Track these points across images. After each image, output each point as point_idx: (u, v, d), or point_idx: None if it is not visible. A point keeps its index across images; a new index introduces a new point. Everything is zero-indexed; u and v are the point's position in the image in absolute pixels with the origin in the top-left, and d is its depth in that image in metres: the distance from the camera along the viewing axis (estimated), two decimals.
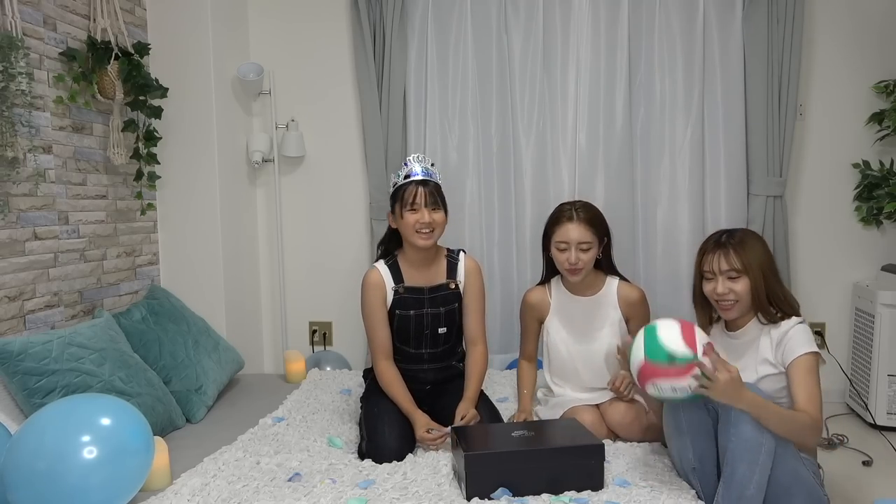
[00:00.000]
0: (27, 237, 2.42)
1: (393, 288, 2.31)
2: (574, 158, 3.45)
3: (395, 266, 2.34)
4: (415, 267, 2.34)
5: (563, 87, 3.44)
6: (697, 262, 2.06)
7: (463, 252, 2.43)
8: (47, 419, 1.68)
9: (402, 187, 2.27)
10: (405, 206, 2.24)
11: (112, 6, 2.79)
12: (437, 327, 2.33)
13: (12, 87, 2.17)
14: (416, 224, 2.23)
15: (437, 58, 3.45)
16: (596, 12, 3.38)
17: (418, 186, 2.25)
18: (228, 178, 3.29)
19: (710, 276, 2.01)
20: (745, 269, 1.95)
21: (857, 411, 3.28)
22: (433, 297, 2.32)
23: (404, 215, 2.25)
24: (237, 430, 2.36)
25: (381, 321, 2.31)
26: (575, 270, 2.30)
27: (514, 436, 1.94)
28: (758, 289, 1.96)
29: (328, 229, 3.68)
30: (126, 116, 2.87)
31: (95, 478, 1.63)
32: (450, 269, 2.36)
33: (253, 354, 3.54)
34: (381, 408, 2.25)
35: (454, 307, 2.35)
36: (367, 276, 2.34)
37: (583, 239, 2.28)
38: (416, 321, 2.31)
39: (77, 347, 2.16)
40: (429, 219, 2.24)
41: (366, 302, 2.33)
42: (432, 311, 2.32)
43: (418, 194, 2.24)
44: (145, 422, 1.78)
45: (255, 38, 3.60)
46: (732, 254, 1.97)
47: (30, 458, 1.61)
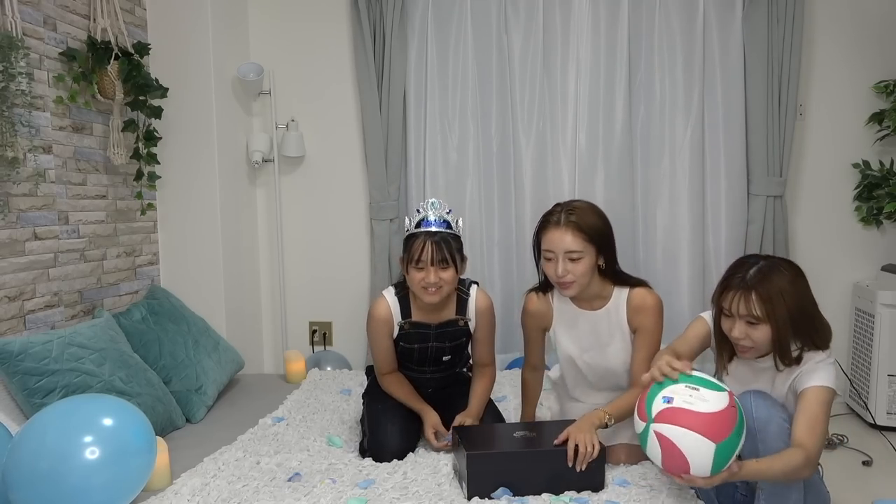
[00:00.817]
0: (27, 237, 2.42)
1: (399, 323, 2.20)
2: (574, 158, 3.45)
3: (405, 299, 2.21)
4: (423, 307, 2.20)
5: (563, 87, 3.44)
6: (717, 294, 1.82)
7: (475, 285, 2.27)
8: (49, 419, 1.68)
9: (411, 238, 2.10)
10: (411, 262, 2.07)
11: (112, 6, 2.79)
12: (442, 356, 2.26)
13: (12, 87, 2.17)
14: (422, 282, 2.07)
15: (437, 58, 3.45)
16: (596, 12, 3.38)
17: (427, 240, 2.05)
18: (228, 178, 3.29)
19: (727, 314, 1.79)
20: (768, 317, 1.72)
21: (857, 411, 3.28)
22: (440, 333, 2.22)
23: (409, 271, 2.09)
24: (237, 430, 2.36)
25: (386, 349, 2.24)
26: (564, 284, 2.00)
27: (515, 436, 1.94)
28: (781, 339, 1.75)
29: (328, 229, 3.68)
30: (126, 116, 2.87)
31: (98, 478, 1.62)
32: (459, 305, 2.23)
33: (253, 354, 3.54)
34: (384, 404, 2.23)
35: (462, 341, 2.27)
36: (374, 307, 2.22)
37: (570, 248, 1.96)
38: (419, 353, 2.24)
39: (77, 347, 2.16)
40: (434, 279, 2.05)
41: (371, 331, 2.24)
42: (438, 344, 2.24)
43: (425, 250, 2.05)
44: (147, 422, 1.78)
45: (255, 38, 3.60)
46: (755, 299, 1.72)
47: (32, 458, 1.61)
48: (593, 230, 1.99)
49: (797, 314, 1.73)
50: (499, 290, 3.53)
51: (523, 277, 3.52)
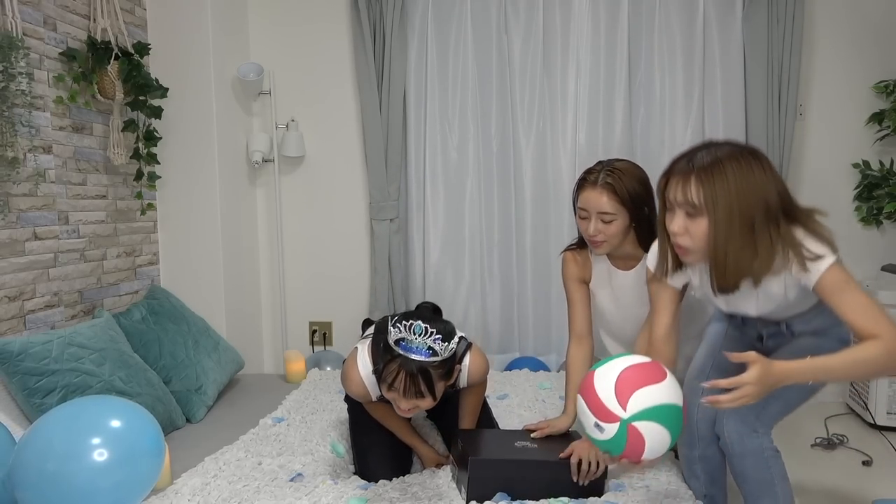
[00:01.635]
0: (27, 237, 2.42)
1: (378, 396, 1.91)
2: (574, 158, 3.45)
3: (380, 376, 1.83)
4: None
5: (562, 87, 3.44)
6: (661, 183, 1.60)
7: (468, 351, 1.91)
8: (56, 421, 1.67)
9: (389, 355, 1.74)
10: (383, 382, 1.75)
11: (112, 6, 2.79)
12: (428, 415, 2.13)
13: (12, 87, 2.17)
14: (394, 401, 1.79)
15: (437, 58, 3.45)
16: (596, 12, 3.38)
17: (402, 370, 1.70)
18: (228, 178, 3.29)
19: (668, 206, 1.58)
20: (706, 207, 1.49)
21: (857, 411, 3.28)
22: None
23: (382, 389, 1.79)
24: (237, 430, 2.35)
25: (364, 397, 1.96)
26: (596, 243, 1.97)
27: (517, 446, 1.92)
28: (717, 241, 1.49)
29: (328, 229, 3.68)
30: (126, 116, 2.87)
31: (106, 480, 1.61)
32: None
33: (253, 354, 3.54)
34: (370, 438, 2.07)
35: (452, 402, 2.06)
36: (347, 377, 1.91)
37: (603, 209, 1.91)
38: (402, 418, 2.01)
39: (77, 347, 2.16)
40: (408, 406, 1.77)
41: (347, 390, 1.96)
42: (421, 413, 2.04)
43: (398, 379, 1.71)
44: (156, 424, 1.77)
45: (255, 38, 3.60)
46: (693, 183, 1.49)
47: (39, 460, 1.61)
48: (629, 194, 1.92)
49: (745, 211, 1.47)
50: (498, 291, 3.53)
51: (523, 278, 3.52)
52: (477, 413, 2.09)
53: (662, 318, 1.79)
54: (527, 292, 3.53)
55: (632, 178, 1.94)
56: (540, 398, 2.68)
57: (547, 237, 3.50)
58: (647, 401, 1.45)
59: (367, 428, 2.08)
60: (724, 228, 1.49)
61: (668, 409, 1.46)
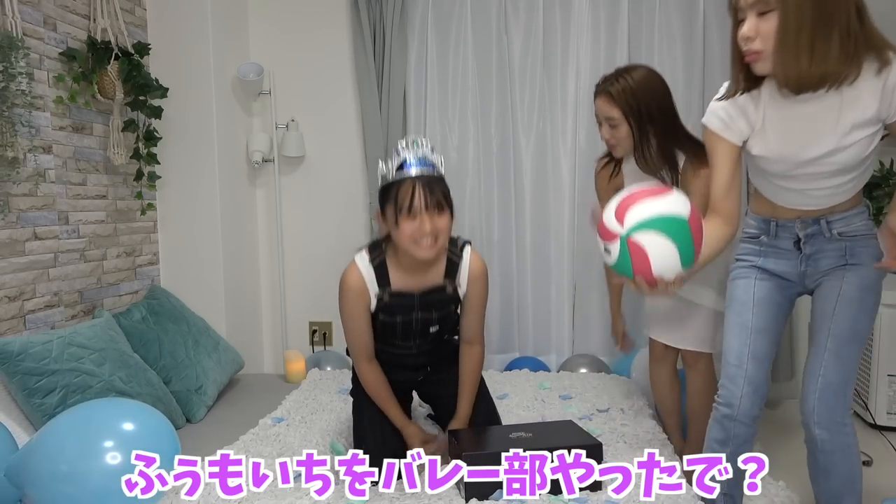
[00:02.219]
0: (27, 237, 2.42)
1: (377, 294, 1.93)
2: (574, 158, 3.45)
3: (381, 267, 1.93)
4: (407, 271, 1.94)
5: (562, 87, 3.44)
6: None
7: (468, 246, 2.02)
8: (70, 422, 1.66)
9: (395, 185, 1.80)
10: (400, 212, 1.79)
11: (112, 6, 2.79)
12: (429, 327, 2.01)
13: (12, 87, 2.17)
14: (415, 234, 1.80)
15: (437, 58, 3.45)
16: (596, 12, 3.38)
17: (415, 184, 1.78)
18: (228, 178, 3.29)
19: (738, 14, 1.57)
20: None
21: (857, 411, 3.28)
22: (425, 301, 1.97)
23: (400, 223, 1.80)
24: (237, 430, 2.36)
25: (362, 327, 1.98)
26: (610, 146, 2.16)
27: (512, 437, 1.93)
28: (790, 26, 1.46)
29: (328, 229, 3.67)
30: (126, 116, 2.87)
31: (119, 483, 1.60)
32: (449, 269, 1.97)
33: (253, 354, 3.54)
34: (371, 415, 2.06)
35: (450, 310, 2.03)
36: (345, 278, 1.93)
37: (606, 114, 2.09)
38: (402, 326, 1.99)
39: (77, 347, 2.17)
40: (430, 227, 1.79)
41: (344, 308, 1.96)
42: (423, 315, 1.99)
43: (416, 195, 1.77)
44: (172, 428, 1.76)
45: (255, 38, 3.60)
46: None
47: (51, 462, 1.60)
48: (630, 99, 2.05)
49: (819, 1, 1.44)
50: (498, 291, 3.53)
51: (523, 278, 3.52)
52: (475, 391, 2.08)
53: (720, 173, 1.75)
54: (527, 292, 3.53)
55: (636, 83, 2.06)
56: (540, 398, 2.69)
57: (547, 237, 3.50)
58: (643, 213, 1.47)
59: (368, 406, 2.07)
60: (794, 18, 1.47)
61: (667, 220, 1.46)
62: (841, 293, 1.72)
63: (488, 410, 2.19)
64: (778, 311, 1.83)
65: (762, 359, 1.81)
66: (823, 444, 1.71)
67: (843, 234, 1.74)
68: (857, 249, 1.73)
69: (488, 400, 2.21)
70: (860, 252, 1.73)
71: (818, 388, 1.71)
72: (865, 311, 1.71)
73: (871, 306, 1.72)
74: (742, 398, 1.80)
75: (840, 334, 1.71)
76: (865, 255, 1.73)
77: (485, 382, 2.22)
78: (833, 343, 1.71)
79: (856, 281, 1.72)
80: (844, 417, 1.72)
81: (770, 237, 1.81)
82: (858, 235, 1.73)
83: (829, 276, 1.76)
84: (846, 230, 1.74)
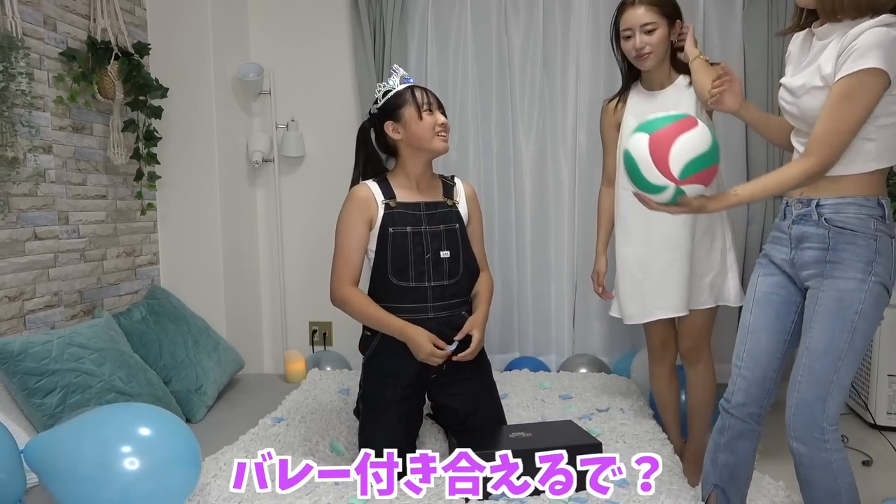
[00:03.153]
0: (27, 237, 2.42)
1: (384, 202, 2.07)
2: (574, 158, 3.45)
3: (384, 182, 2.11)
4: (408, 187, 2.12)
5: (563, 87, 3.44)
6: None
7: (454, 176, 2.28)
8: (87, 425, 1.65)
9: (408, 91, 2.07)
10: (422, 108, 2.04)
11: (112, 6, 2.79)
12: (440, 250, 2.08)
13: (12, 87, 2.17)
14: (437, 126, 2.05)
15: (437, 58, 3.45)
16: (596, 12, 3.38)
17: (423, 89, 2.09)
18: (228, 178, 3.29)
19: None
20: None
21: (857, 411, 3.28)
22: (431, 214, 2.10)
23: (423, 117, 2.04)
24: (237, 430, 2.36)
25: (358, 241, 2.08)
26: (643, 56, 2.22)
27: (511, 437, 1.94)
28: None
29: (328, 229, 3.64)
30: (126, 116, 2.87)
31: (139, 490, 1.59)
32: (446, 190, 2.18)
33: (253, 354, 3.54)
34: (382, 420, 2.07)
35: (455, 227, 2.13)
36: (354, 190, 2.11)
37: (644, 20, 2.19)
38: (413, 240, 2.06)
39: (77, 347, 2.17)
40: (443, 121, 2.08)
41: (346, 216, 2.08)
42: (431, 228, 2.08)
43: (429, 94, 2.08)
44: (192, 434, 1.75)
45: (255, 38, 3.60)
46: None
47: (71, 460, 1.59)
48: (665, 4, 2.22)
49: None
50: (499, 291, 3.52)
51: (523, 278, 3.52)
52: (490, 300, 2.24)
53: None
54: (527, 292, 3.53)
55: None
56: (539, 398, 2.69)
57: (547, 237, 3.50)
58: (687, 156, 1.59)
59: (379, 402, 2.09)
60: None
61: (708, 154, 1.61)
62: (817, 306, 1.68)
63: (496, 411, 2.22)
64: (780, 308, 1.80)
65: (760, 357, 1.81)
66: (801, 457, 1.70)
67: (829, 221, 1.66)
68: (841, 246, 1.65)
69: (496, 399, 2.24)
70: (843, 249, 1.65)
71: (794, 403, 1.71)
72: (843, 324, 1.64)
73: (850, 319, 1.63)
74: (735, 392, 1.84)
75: (813, 349, 1.67)
76: (848, 254, 1.64)
77: (495, 385, 2.26)
78: (807, 358, 1.68)
79: (833, 294, 1.66)
80: (824, 434, 1.67)
81: (779, 219, 1.83)
82: (846, 230, 1.64)
83: (811, 283, 1.72)
84: (834, 218, 1.66)
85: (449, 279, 2.10)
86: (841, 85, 1.56)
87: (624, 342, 3.49)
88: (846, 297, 1.63)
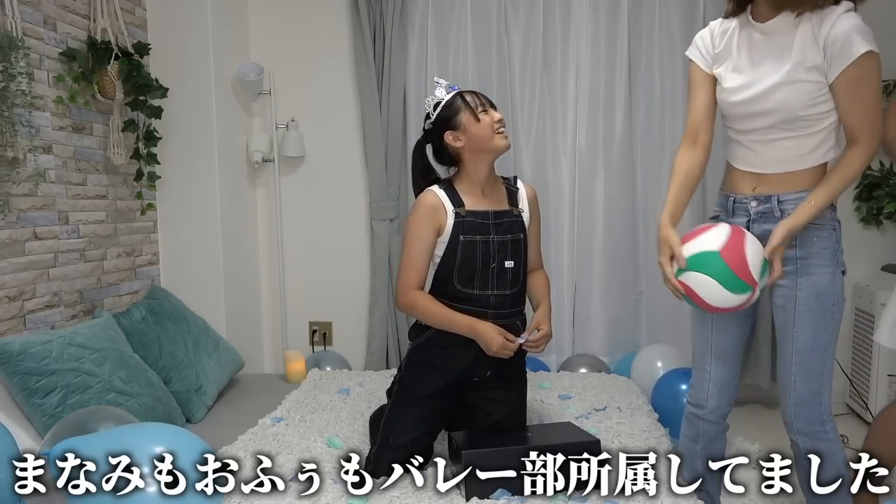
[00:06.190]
0: (27, 237, 2.42)
1: (454, 210, 2.02)
2: (574, 158, 3.45)
3: (451, 189, 2.06)
4: (475, 194, 2.07)
5: (563, 87, 3.44)
6: None
7: (516, 177, 2.23)
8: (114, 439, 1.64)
9: (458, 98, 2.05)
10: (477, 108, 2.02)
11: (112, 6, 2.79)
12: (504, 260, 2.04)
13: (12, 87, 2.17)
14: (495, 123, 2.01)
15: (437, 58, 3.45)
16: (596, 12, 3.39)
17: (472, 91, 2.08)
18: (228, 178, 3.30)
19: None
20: None
21: (857, 411, 3.28)
22: (498, 223, 2.05)
23: (481, 118, 2.01)
24: (237, 430, 2.36)
25: (426, 248, 2.03)
26: None
27: (510, 437, 1.94)
28: None
29: (328, 229, 3.68)
30: (126, 116, 2.87)
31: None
32: (510, 197, 2.13)
33: (253, 354, 3.54)
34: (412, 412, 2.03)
35: (520, 238, 2.09)
36: (422, 197, 2.05)
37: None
38: (482, 249, 2.02)
39: (77, 347, 2.17)
40: (499, 116, 2.04)
41: (414, 223, 2.03)
42: (499, 238, 2.04)
43: (480, 96, 2.05)
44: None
45: (255, 38, 3.60)
46: None
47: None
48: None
49: None
50: None
51: None
52: (549, 294, 2.22)
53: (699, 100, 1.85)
54: None
55: None
56: (539, 398, 2.69)
57: (547, 237, 3.49)
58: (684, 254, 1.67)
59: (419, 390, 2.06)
60: None
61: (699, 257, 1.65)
62: (798, 305, 1.69)
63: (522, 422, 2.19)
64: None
65: (726, 357, 1.84)
66: (807, 451, 1.72)
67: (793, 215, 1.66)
68: (809, 241, 1.67)
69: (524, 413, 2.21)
70: (812, 244, 1.67)
71: (791, 402, 1.73)
72: (824, 317, 1.68)
73: (829, 311, 1.68)
74: (709, 398, 1.86)
75: (801, 347, 1.70)
76: (817, 248, 1.67)
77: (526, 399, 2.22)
78: (797, 356, 1.71)
79: (811, 291, 1.68)
80: (825, 425, 1.72)
81: (728, 215, 1.79)
82: (812, 224, 1.65)
83: (783, 280, 1.71)
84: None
85: (511, 288, 2.08)
86: (848, 75, 1.61)
87: (624, 342, 3.49)
88: (823, 292, 1.68)
